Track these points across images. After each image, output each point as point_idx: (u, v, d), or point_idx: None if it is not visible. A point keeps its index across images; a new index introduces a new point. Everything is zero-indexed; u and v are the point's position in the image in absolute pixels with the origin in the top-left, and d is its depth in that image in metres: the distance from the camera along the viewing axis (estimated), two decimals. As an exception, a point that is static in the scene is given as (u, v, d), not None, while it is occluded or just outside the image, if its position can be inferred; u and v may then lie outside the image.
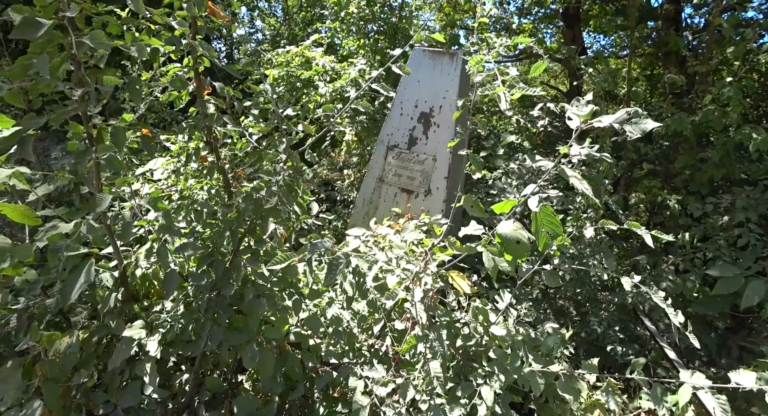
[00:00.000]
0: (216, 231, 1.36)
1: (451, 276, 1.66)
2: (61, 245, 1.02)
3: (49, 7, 0.81)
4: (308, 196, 1.58)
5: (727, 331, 3.01)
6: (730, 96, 3.31)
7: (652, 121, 0.98)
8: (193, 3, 1.34)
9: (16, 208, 1.31)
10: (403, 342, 1.26)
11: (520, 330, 1.43)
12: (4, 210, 1.32)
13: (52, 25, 0.73)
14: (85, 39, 0.76)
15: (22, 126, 0.84)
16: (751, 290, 1.99)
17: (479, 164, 1.22)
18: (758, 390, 1.00)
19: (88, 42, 0.75)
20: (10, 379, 1.24)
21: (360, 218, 2.94)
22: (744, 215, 2.44)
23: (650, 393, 1.15)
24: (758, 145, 3.17)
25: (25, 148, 0.85)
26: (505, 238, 1.30)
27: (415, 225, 1.99)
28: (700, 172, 3.77)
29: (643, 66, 7.37)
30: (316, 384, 1.40)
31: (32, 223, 1.34)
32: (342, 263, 1.07)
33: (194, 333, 1.38)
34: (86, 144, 1.01)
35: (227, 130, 1.58)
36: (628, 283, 1.20)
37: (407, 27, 4.96)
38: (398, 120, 2.74)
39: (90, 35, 0.76)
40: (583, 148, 1.05)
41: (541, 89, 8.42)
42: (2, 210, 1.33)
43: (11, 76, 0.82)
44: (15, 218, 1.33)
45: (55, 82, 0.80)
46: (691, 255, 2.73)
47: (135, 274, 1.39)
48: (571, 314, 2.85)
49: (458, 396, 1.19)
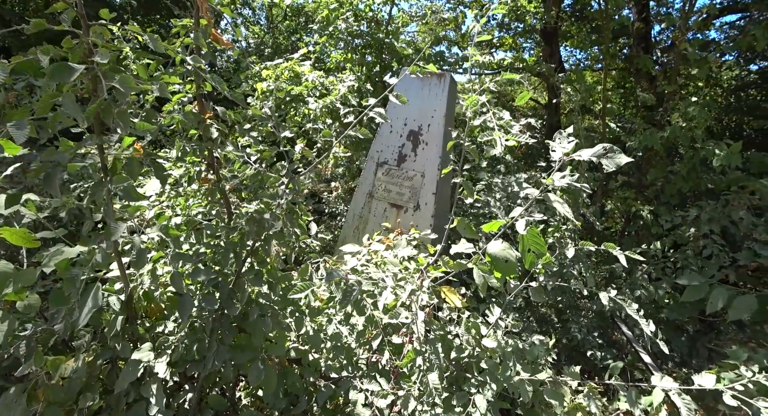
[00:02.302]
0: (221, 252, 1.41)
1: (443, 291, 1.76)
2: (77, 273, 1.06)
3: (77, 51, 0.87)
4: (307, 217, 1.65)
5: (697, 334, 3.21)
6: (695, 115, 3.56)
7: (625, 156, 1.10)
8: (199, 34, 1.41)
9: (15, 231, 1.34)
10: (402, 356, 1.33)
11: (509, 341, 1.53)
12: (4, 233, 1.35)
13: (83, 70, 0.78)
14: (115, 83, 0.82)
15: (47, 159, 0.88)
16: (714, 296, 2.17)
17: (471, 190, 1.33)
18: (719, 390, 1.12)
19: (118, 86, 0.81)
20: (16, 405, 1.25)
21: (350, 232, 3.01)
22: (708, 227, 2.64)
23: (627, 396, 1.27)
24: (721, 159, 3.43)
25: (50, 183, 0.90)
26: (495, 257, 1.41)
27: (407, 242, 2.09)
28: (669, 183, 4.02)
29: (617, 79, 7.76)
30: (317, 397, 1.45)
31: (31, 246, 1.37)
32: (355, 290, 1.15)
33: (198, 352, 1.42)
34: (101, 174, 1.06)
35: (227, 153, 1.63)
36: (605, 298, 1.32)
37: (393, 42, 5.10)
38: (388, 137, 2.84)
39: (120, 80, 0.82)
40: (564, 178, 1.16)
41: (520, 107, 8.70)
42: (1, 234, 1.36)
43: (37, 113, 0.87)
44: (14, 241, 1.35)
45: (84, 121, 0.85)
46: (662, 264, 2.91)
47: (140, 297, 1.43)
48: (553, 321, 2.98)
49: (453, 405, 1.27)
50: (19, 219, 1.46)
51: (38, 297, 1.42)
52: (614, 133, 4.61)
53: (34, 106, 0.87)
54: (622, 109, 6.98)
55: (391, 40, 5.03)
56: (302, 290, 1.22)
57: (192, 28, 1.46)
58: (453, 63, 4.98)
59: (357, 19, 5.08)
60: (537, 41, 7.93)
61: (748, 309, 2.10)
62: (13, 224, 1.44)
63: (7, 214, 1.38)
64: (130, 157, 1.05)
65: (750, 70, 7.33)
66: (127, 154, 1.05)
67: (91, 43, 0.92)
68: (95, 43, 0.89)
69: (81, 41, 0.87)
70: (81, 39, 0.87)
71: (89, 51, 0.89)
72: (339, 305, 1.16)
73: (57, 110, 1.02)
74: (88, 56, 0.87)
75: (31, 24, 0.85)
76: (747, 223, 2.50)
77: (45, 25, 0.89)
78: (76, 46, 0.87)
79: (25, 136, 0.75)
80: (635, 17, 6.48)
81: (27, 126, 0.76)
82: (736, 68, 7.54)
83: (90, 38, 0.89)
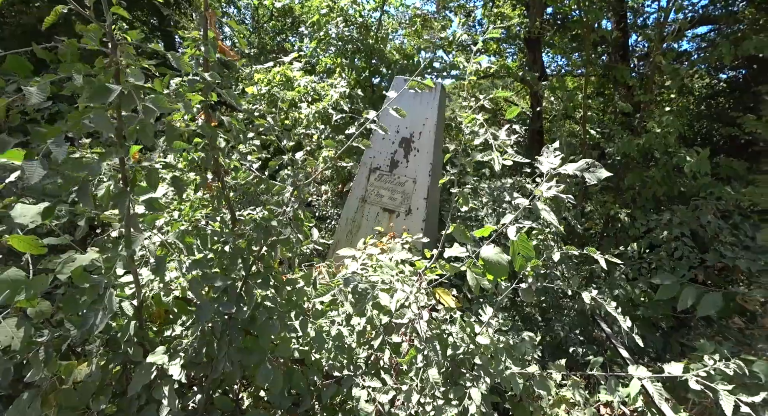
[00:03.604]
0: (228, 258, 1.47)
1: (438, 292, 1.86)
2: (100, 280, 1.11)
3: (109, 73, 0.93)
4: (309, 223, 1.73)
5: (671, 330, 3.42)
6: (668, 124, 3.79)
7: (605, 171, 1.23)
8: (209, 47, 1.47)
9: (22, 239, 1.38)
10: (404, 354, 1.43)
11: (500, 338, 1.65)
12: (11, 241, 1.38)
13: (120, 91, 0.85)
14: (148, 103, 0.88)
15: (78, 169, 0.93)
16: (684, 295, 2.34)
17: (467, 200, 1.43)
18: (684, 379, 1.26)
19: (151, 106, 0.88)
20: (30, 410, 1.28)
21: (344, 236, 3.09)
22: (679, 230, 2.84)
23: (606, 386, 1.40)
24: (691, 166, 3.66)
25: (84, 195, 0.95)
26: (488, 261, 1.52)
27: (402, 246, 2.19)
28: (645, 188, 4.25)
29: (596, 85, 8.08)
30: (322, 395, 1.53)
31: (37, 252, 1.41)
32: (369, 294, 1.24)
33: (206, 355, 1.48)
34: (122, 185, 1.12)
35: (233, 161, 1.70)
36: (587, 297, 1.44)
37: (383, 47, 5.20)
38: (381, 144, 2.94)
39: (152, 100, 0.89)
40: (550, 190, 1.28)
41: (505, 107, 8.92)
42: (9, 241, 1.40)
43: (70, 129, 0.93)
44: (21, 248, 1.39)
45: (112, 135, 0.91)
46: (638, 264, 3.10)
47: (150, 302, 1.48)
48: (537, 320, 3.13)
49: (451, 398, 1.37)
50: (21, 227, 1.49)
51: (49, 303, 1.45)
52: (594, 139, 4.83)
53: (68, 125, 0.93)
54: (601, 115, 7.28)
55: (381, 46, 5.13)
56: (322, 294, 1.30)
57: (201, 40, 1.52)
58: (441, 69, 5.12)
59: (347, 25, 5.16)
60: (520, 48, 8.18)
61: (714, 306, 2.28)
62: (16, 231, 1.47)
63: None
64: (150, 169, 1.11)
65: (720, 79, 7.74)
66: (146, 165, 1.11)
67: (119, 62, 0.98)
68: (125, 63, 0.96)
69: (111, 61, 0.93)
70: (111, 59, 0.94)
71: (117, 70, 0.95)
72: (353, 309, 1.24)
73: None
74: (116, 75, 0.93)
75: (65, 43, 0.91)
76: (714, 227, 2.70)
77: (76, 45, 0.94)
78: (107, 70, 0.93)
79: (65, 153, 0.81)
80: (614, 26, 6.78)
81: (65, 143, 0.82)
82: (707, 77, 7.94)
83: (119, 58, 0.95)
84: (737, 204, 2.86)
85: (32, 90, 0.81)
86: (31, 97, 0.79)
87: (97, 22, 0.97)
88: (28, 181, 0.77)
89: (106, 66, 0.94)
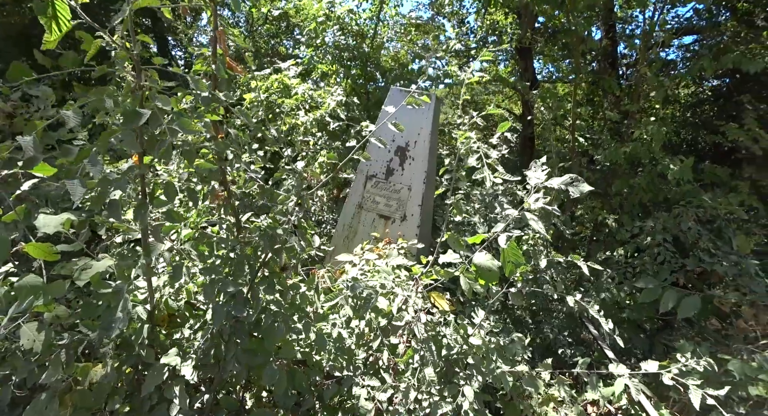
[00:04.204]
0: (236, 264, 1.56)
1: (433, 296, 1.96)
2: (122, 287, 1.19)
3: (135, 100, 1.01)
4: (312, 230, 1.82)
5: (657, 332, 3.56)
6: (654, 134, 3.95)
7: (587, 185, 1.34)
8: (220, 65, 1.57)
9: (37, 246, 1.45)
10: (402, 355, 1.53)
11: (492, 339, 1.75)
12: (27, 248, 1.46)
13: (150, 114, 0.94)
14: (175, 126, 0.97)
15: (105, 185, 1.02)
16: (666, 298, 2.48)
17: (461, 210, 1.54)
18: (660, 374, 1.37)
19: (178, 129, 0.96)
20: (48, 411, 1.35)
21: (340, 241, 3.18)
22: (662, 236, 2.98)
23: (588, 382, 1.51)
24: (675, 174, 3.82)
25: (115, 209, 1.04)
26: (480, 266, 1.63)
27: (397, 252, 2.29)
28: (632, 194, 4.41)
29: (586, 92, 8.29)
30: (324, 394, 1.62)
31: (51, 259, 1.48)
32: (372, 299, 1.33)
33: (214, 357, 1.57)
34: (142, 198, 1.20)
35: (240, 174, 1.79)
36: (571, 301, 1.56)
37: (378, 55, 5.31)
38: (377, 152, 3.04)
39: (179, 123, 0.98)
40: (538, 201, 1.39)
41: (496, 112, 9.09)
42: (25, 249, 1.47)
43: (98, 149, 1.01)
44: (37, 255, 1.47)
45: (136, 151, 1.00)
46: (623, 268, 3.24)
47: (162, 306, 1.56)
48: (527, 322, 3.25)
49: (445, 395, 1.47)
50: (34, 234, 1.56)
51: (65, 308, 1.52)
52: (583, 146, 4.99)
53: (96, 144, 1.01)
54: (591, 122, 7.47)
55: (376, 54, 5.25)
56: (331, 300, 1.39)
57: (211, 58, 1.61)
58: (435, 78, 5.25)
59: (343, 33, 5.27)
60: (512, 55, 8.37)
61: (693, 308, 2.41)
62: (29, 238, 1.55)
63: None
64: (168, 182, 1.19)
65: (704, 87, 7.98)
66: (165, 179, 1.19)
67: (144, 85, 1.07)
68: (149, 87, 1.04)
69: (137, 86, 1.02)
70: (137, 83, 1.03)
71: (143, 95, 1.04)
72: (354, 313, 1.34)
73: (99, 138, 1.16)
74: (143, 100, 1.02)
75: (97, 70, 0.99)
76: (693, 233, 2.84)
77: (105, 69, 1.03)
78: (133, 95, 1.02)
79: (100, 172, 0.90)
80: (603, 35, 6.98)
81: (101, 161, 0.90)
82: (692, 86, 8.19)
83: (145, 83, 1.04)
84: (715, 212, 3.01)
85: (69, 114, 0.90)
86: (69, 121, 0.88)
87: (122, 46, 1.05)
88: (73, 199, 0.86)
89: (133, 90, 1.02)
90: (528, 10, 5.79)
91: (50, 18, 0.85)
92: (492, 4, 6.09)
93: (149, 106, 1.02)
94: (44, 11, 0.83)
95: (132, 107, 0.98)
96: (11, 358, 1.35)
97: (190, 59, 9.71)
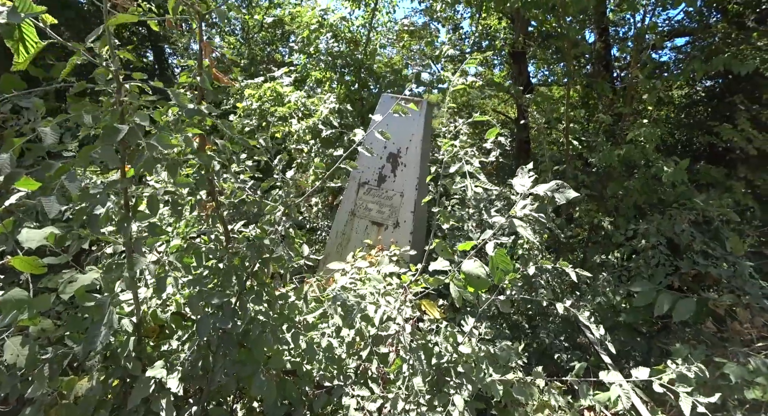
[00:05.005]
0: (223, 274, 1.55)
1: (423, 304, 1.96)
2: (105, 300, 1.18)
3: (115, 113, 1.02)
4: (300, 240, 1.82)
5: (657, 335, 3.54)
6: (646, 136, 3.97)
7: (573, 191, 1.34)
8: (205, 77, 1.57)
9: (24, 259, 1.45)
10: (390, 364, 1.52)
11: (482, 347, 1.74)
12: (13, 262, 1.46)
13: (128, 130, 0.94)
14: (153, 141, 0.97)
15: (86, 200, 1.02)
16: (660, 301, 2.46)
17: (447, 218, 1.54)
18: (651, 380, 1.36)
19: (156, 144, 0.97)
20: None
21: (334, 248, 3.18)
22: (656, 238, 2.97)
23: (579, 390, 1.49)
24: (668, 176, 3.82)
25: (94, 224, 1.04)
26: (469, 274, 1.62)
27: (389, 259, 2.28)
28: (626, 197, 4.41)
29: (581, 94, 8.32)
30: (314, 404, 1.61)
31: (38, 272, 1.48)
32: (356, 309, 1.32)
33: (203, 368, 1.55)
34: (125, 211, 1.20)
35: (229, 184, 1.79)
36: (561, 307, 1.55)
37: (371, 62, 5.34)
38: (369, 159, 3.04)
39: (157, 138, 0.98)
40: (525, 208, 1.39)
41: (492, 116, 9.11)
42: (11, 262, 1.47)
43: (76, 165, 1.01)
44: (23, 269, 1.46)
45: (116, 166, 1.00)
46: (618, 272, 3.23)
47: (148, 318, 1.55)
48: (524, 328, 3.23)
49: (435, 405, 1.46)
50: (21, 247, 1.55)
51: (51, 322, 1.52)
52: (577, 149, 4.99)
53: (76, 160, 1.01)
54: (586, 124, 7.50)
55: (369, 61, 5.28)
56: (313, 311, 1.38)
57: (197, 70, 1.62)
58: (428, 83, 5.27)
59: (336, 40, 5.30)
60: (506, 59, 8.41)
61: (688, 311, 2.40)
62: (17, 251, 1.54)
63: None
64: (151, 195, 1.19)
65: (698, 88, 8.02)
66: (147, 193, 1.19)
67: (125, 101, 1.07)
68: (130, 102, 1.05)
69: (117, 101, 1.03)
70: (117, 99, 1.03)
71: (123, 110, 1.04)
72: (343, 322, 1.33)
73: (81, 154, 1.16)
74: (122, 115, 1.02)
75: (76, 85, 1.00)
76: (687, 235, 2.84)
77: (85, 85, 1.04)
78: (114, 111, 1.02)
79: (78, 188, 0.89)
80: (596, 38, 7.02)
81: (78, 178, 0.90)
82: (686, 87, 8.23)
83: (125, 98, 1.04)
84: (709, 213, 3.01)
85: (47, 131, 0.90)
86: (46, 138, 0.88)
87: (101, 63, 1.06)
88: (49, 215, 0.85)
89: (113, 105, 1.03)
90: (520, 15, 5.84)
91: (17, 41, 0.86)
92: (484, 9, 6.14)
93: (128, 121, 1.02)
94: (11, 34, 0.83)
95: (111, 122, 0.99)
96: (-6, 373, 1.34)
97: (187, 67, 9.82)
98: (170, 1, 1.46)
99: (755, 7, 6.29)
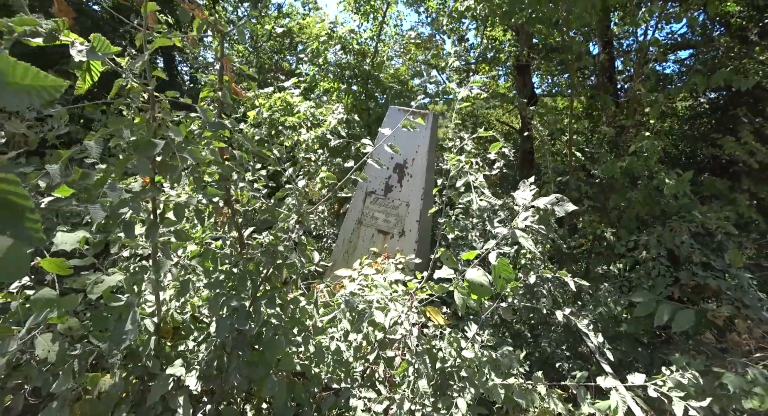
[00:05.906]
0: (238, 279, 1.64)
1: (428, 310, 2.03)
2: (133, 300, 1.27)
3: (149, 130, 1.11)
4: (312, 246, 1.90)
5: (661, 345, 3.57)
6: (649, 148, 4.04)
7: (572, 204, 1.42)
8: (226, 92, 1.68)
9: (52, 261, 1.54)
10: (397, 367, 1.59)
11: (485, 353, 1.80)
12: (42, 263, 1.55)
13: (165, 145, 1.03)
14: (186, 154, 1.06)
15: (120, 207, 1.11)
16: (660, 311, 2.51)
17: (452, 228, 1.62)
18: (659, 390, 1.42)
19: (188, 156, 1.06)
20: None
21: (340, 256, 3.26)
22: (657, 250, 3.03)
23: (577, 395, 1.55)
24: (670, 188, 3.88)
25: (130, 230, 1.13)
26: (472, 282, 1.69)
27: (395, 267, 2.36)
28: (629, 208, 4.46)
29: (585, 106, 8.41)
30: (322, 405, 1.68)
31: (64, 273, 1.57)
32: (366, 313, 1.40)
33: (217, 368, 1.63)
34: (153, 218, 1.29)
35: (244, 193, 1.88)
36: (560, 315, 1.61)
37: (378, 74, 5.47)
38: (376, 169, 3.13)
39: (188, 151, 1.07)
40: (527, 220, 1.47)
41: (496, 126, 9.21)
42: (40, 264, 1.56)
43: (115, 175, 1.11)
44: (51, 270, 1.56)
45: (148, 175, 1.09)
46: (620, 282, 3.28)
47: (169, 319, 1.63)
48: (526, 336, 3.28)
49: (439, 407, 1.52)
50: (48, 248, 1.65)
51: (77, 320, 1.60)
52: (580, 161, 5.07)
53: (113, 173, 1.11)
54: (589, 136, 7.57)
55: (376, 72, 5.41)
56: (326, 314, 1.46)
57: (217, 85, 1.73)
58: (434, 95, 5.39)
59: (345, 52, 5.45)
60: (510, 71, 8.55)
61: (687, 322, 2.45)
62: (44, 253, 1.64)
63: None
64: (177, 204, 1.29)
65: (702, 100, 8.09)
66: (176, 200, 1.29)
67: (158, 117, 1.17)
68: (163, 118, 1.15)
69: (152, 117, 1.13)
70: (151, 115, 1.13)
71: (157, 126, 1.14)
72: (352, 327, 1.41)
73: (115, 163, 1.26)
74: (156, 130, 1.12)
75: (115, 103, 1.10)
76: (687, 247, 2.89)
77: (121, 102, 1.13)
78: (148, 127, 1.12)
79: (118, 196, 0.99)
80: (600, 50, 7.13)
81: (118, 187, 1.00)
82: (689, 99, 8.30)
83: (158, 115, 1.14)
84: (709, 225, 3.06)
85: (92, 144, 1.00)
86: (91, 152, 0.98)
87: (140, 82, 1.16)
88: (93, 221, 0.95)
89: (148, 120, 1.13)
90: (524, 29, 5.96)
91: (84, 71, 0.96)
92: (489, 22, 6.27)
93: (161, 134, 1.12)
94: (79, 66, 0.94)
95: (146, 137, 1.08)
96: (26, 367, 1.42)
97: (195, 74, 10.02)
98: (195, 22, 1.57)
99: (758, 21, 6.38)
